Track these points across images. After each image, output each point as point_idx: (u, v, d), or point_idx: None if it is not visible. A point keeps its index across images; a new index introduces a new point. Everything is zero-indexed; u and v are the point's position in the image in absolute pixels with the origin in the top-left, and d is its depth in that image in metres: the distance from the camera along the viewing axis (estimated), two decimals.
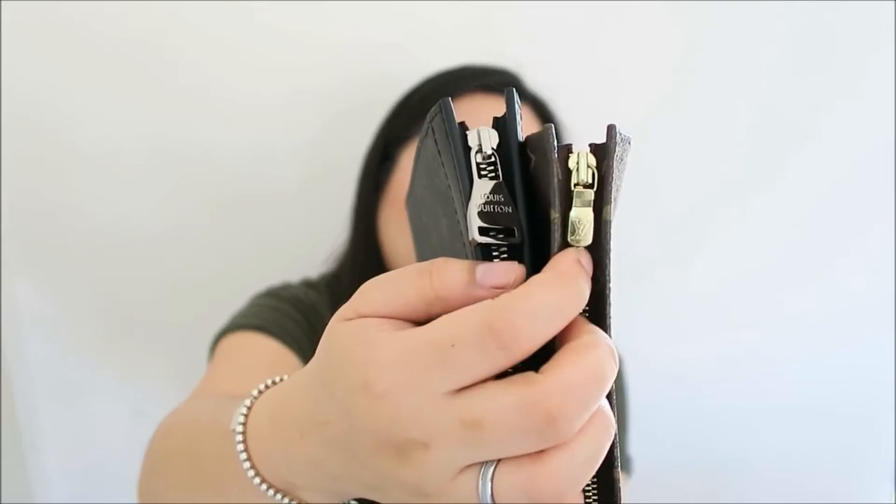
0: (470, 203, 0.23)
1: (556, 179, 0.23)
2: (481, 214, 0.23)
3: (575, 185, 0.23)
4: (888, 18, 0.80)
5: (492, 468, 0.22)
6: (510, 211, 0.24)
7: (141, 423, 0.90)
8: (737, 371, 0.91)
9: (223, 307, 0.72)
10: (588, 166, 0.23)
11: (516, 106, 0.24)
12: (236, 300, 0.72)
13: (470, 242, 0.24)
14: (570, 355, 0.21)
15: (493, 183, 0.24)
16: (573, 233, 0.23)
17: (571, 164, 0.23)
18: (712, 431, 0.94)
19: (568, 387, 0.21)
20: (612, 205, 0.23)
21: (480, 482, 0.22)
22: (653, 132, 0.84)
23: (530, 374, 0.21)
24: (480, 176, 0.24)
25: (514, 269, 0.23)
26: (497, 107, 0.72)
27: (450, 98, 0.24)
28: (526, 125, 0.68)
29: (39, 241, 0.85)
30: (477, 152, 0.24)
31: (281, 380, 0.32)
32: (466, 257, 0.24)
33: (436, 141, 0.25)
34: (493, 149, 0.24)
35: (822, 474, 0.94)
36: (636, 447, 0.74)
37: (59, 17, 0.78)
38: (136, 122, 0.82)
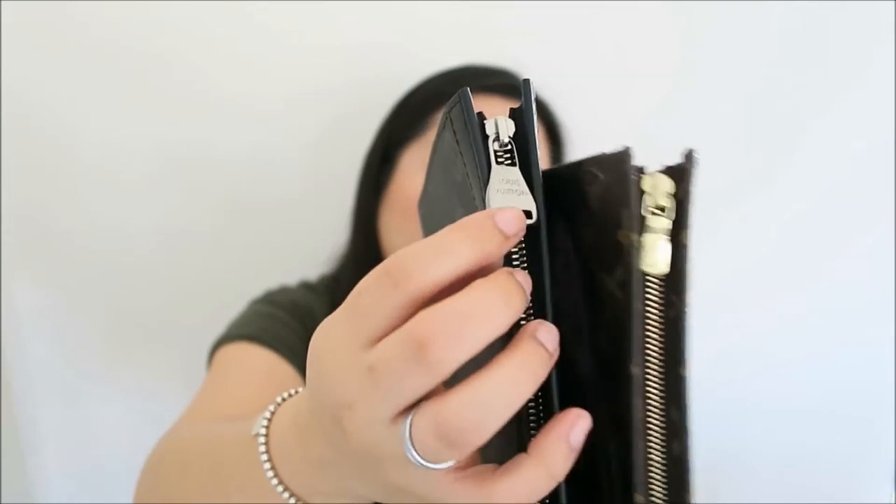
0: (488, 188, 0.24)
1: (633, 201, 0.23)
2: (499, 198, 0.24)
3: (651, 209, 0.23)
4: (888, 17, 0.80)
5: (411, 416, 0.22)
6: (527, 194, 0.24)
7: (141, 424, 0.90)
8: (737, 370, 0.91)
9: (224, 309, 0.72)
10: (664, 191, 0.23)
11: (532, 96, 0.25)
12: (237, 302, 0.72)
13: None
14: (457, 294, 0.22)
15: (511, 168, 0.25)
16: (647, 259, 0.23)
17: (647, 186, 0.23)
18: (712, 431, 0.93)
19: (442, 317, 0.21)
20: (689, 230, 0.23)
21: (401, 431, 0.22)
22: (653, 131, 0.84)
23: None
24: (498, 162, 0.25)
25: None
26: (498, 108, 0.72)
27: (468, 89, 0.25)
28: None
29: (39, 242, 0.85)
30: (494, 140, 0.25)
31: (297, 391, 0.33)
32: None
33: (454, 131, 0.26)
34: (510, 137, 0.25)
35: (822, 474, 0.94)
36: None
37: (59, 20, 0.78)
38: (137, 124, 0.82)
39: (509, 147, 0.25)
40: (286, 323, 0.65)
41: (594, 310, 0.25)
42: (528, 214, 0.24)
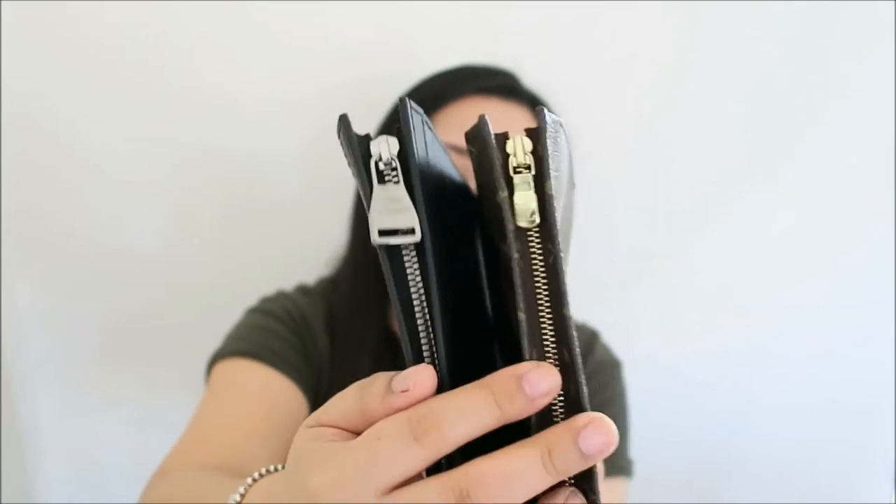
0: (371, 209, 0.25)
1: (497, 164, 0.25)
2: (380, 218, 0.25)
3: (515, 168, 0.25)
4: (888, 17, 0.80)
5: None
6: (409, 210, 0.25)
7: (140, 425, 0.90)
8: (737, 370, 0.91)
9: (224, 309, 0.72)
10: (524, 150, 0.25)
11: (410, 114, 0.26)
12: (237, 303, 0.71)
13: (374, 245, 0.25)
14: (499, 453, 0.23)
15: (394, 187, 0.25)
16: (521, 216, 0.24)
17: (509, 149, 0.25)
18: (712, 430, 0.94)
19: (484, 474, 0.23)
20: (552, 181, 0.25)
21: None
22: (653, 130, 0.84)
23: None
24: (382, 181, 0.25)
25: (417, 372, 0.24)
26: (496, 109, 0.71)
27: (347, 114, 0.26)
28: (525, 125, 0.68)
29: (39, 243, 0.85)
30: (378, 160, 0.26)
31: (276, 469, 0.34)
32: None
33: (345, 153, 0.27)
34: (392, 155, 0.25)
35: (822, 474, 0.94)
36: (635, 445, 0.74)
37: (59, 20, 0.78)
38: (137, 124, 0.82)
39: (394, 165, 0.25)
40: (281, 336, 0.65)
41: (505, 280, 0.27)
42: (411, 231, 0.25)
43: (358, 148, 0.26)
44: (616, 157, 0.84)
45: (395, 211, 0.25)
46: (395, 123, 0.26)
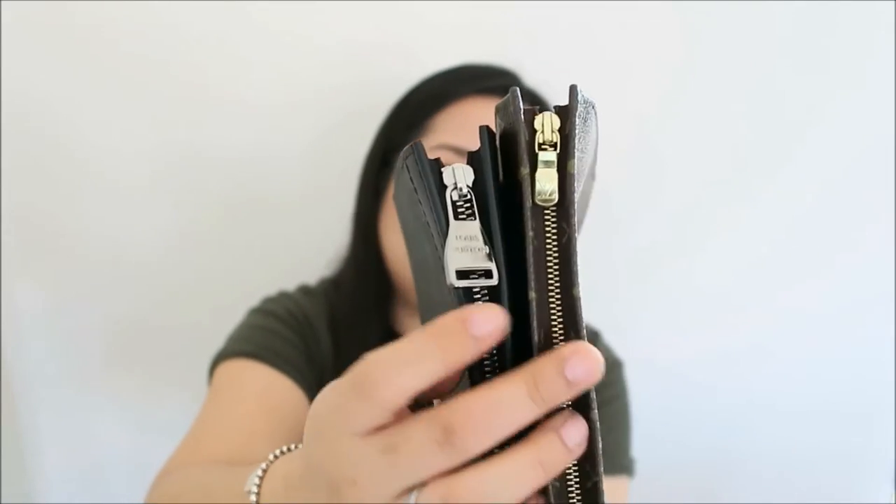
0: (446, 247, 0.24)
1: (523, 140, 0.24)
2: (457, 257, 0.24)
3: (541, 145, 0.24)
4: (888, 17, 0.80)
5: (416, 490, 0.23)
6: (487, 252, 0.24)
7: (140, 425, 0.90)
8: (737, 370, 0.91)
9: (224, 310, 0.72)
10: (552, 127, 0.24)
11: (487, 143, 0.25)
12: (238, 304, 0.71)
13: (448, 286, 0.24)
14: (484, 387, 0.23)
15: (468, 224, 0.24)
16: (541, 193, 0.24)
17: (537, 125, 0.24)
18: (712, 430, 0.94)
19: (469, 408, 0.22)
20: (576, 160, 0.24)
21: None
22: (653, 130, 0.84)
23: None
24: (457, 217, 0.24)
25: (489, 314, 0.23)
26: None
27: (421, 142, 0.25)
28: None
29: (39, 244, 0.85)
30: (453, 190, 0.25)
31: (289, 449, 0.34)
32: (447, 294, 0.25)
33: (411, 178, 0.26)
34: (468, 186, 0.25)
35: (822, 474, 0.94)
36: (636, 445, 0.75)
37: (59, 20, 0.78)
38: (137, 124, 0.82)
39: (469, 197, 0.25)
40: (284, 336, 0.65)
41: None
42: (488, 273, 0.24)
43: (432, 177, 0.25)
44: (617, 157, 0.84)
45: (472, 250, 0.24)
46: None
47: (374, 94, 0.74)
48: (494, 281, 0.24)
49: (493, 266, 0.24)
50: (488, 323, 0.22)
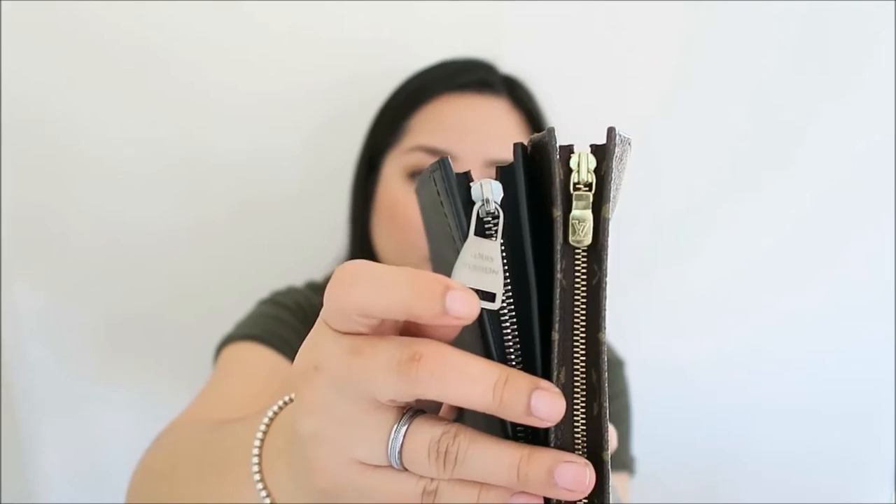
0: (459, 259, 0.24)
1: (557, 179, 0.24)
2: (463, 273, 0.24)
3: (576, 185, 0.24)
4: (888, 17, 0.80)
5: (405, 426, 0.24)
6: (496, 274, 0.24)
7: (141, 424, 0.90)
8: (737, 370, 0.91)
9: (225, 309, 0.72)
10: (588, 167, 0.24)
11: (521, 161, 0.25)
12: (238, 302, 0.72)
13: None
14: (466, 353, 0.23)
15: (488, 243, 0.24)
16: (574, 233, 0.24)
17: (573, 164, 0.24)
18: (712, 431, 0.94)
19: (443, 353, 0.23)
20: (611, 203, 0.24)
21: (392, 434, 0.24)
22: (652, 131, 0.84)
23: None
24: (478, 232, 0.24)
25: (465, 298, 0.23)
26: (471, 105, 0.71)
27: (448, 157, 0.25)
28: (502, 117, 0.67)
29: (39, 243, 0.85)
30: (481, 206, 0.24)
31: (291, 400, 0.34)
32: None
33: (437, 191, 0.26)
34: (497, 204, 0.24)
35: (822, 474, 0.94)
36: (636, 446, 0.75)
37: (59, 20, 0.78)
38: (137, 124, 0.82)
39: (497, 213, 0.24)
40: (290, 324, 0.66)
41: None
42: (490, 297, 0.24)
43: (458, 193, 0.24)
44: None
45: (484, 270, 0.24)
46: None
47: (375, 91, 0.74)
48: (496, 306, 0.24)
49: (499, 290, 0.24)
50: (463, 306, 0.22)
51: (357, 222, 0.72)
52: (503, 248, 0.25)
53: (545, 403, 0.22)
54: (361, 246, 0.71)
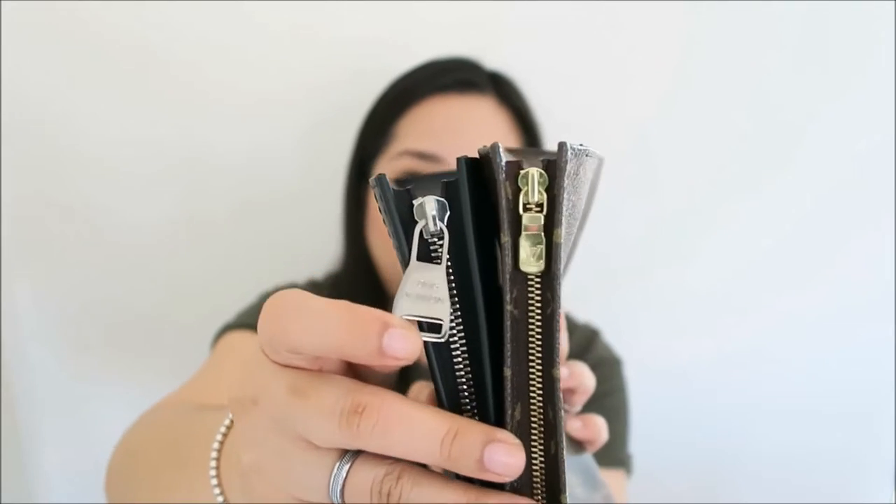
0: (399, 289, 0.22)
1: (504, 200, 0.21)
2: (406, 304, 0.22)
3: (526, 205, 0.21)
4: (888, 17, 0.80)
5: (347, 465, 0.22)
6: (442, 302, 0.22)
7: None
8: (737, 370, 0.91)
9: (225, 308, 0.72)
10: (539, 187, 0.21)
11: (465, 176, 0.22)
12: (238, 301, 0.72)
13: None
14: (416, 403, 0.22)
15: (434, 268, 0.22)
16: (525, 259, 0.22)
17: (520, 182, 0.21)
18: (712, 431, 0.94)
19: (390, 405, 0.21)
20: (562, 228, 0.21)
21: (334, 472, 0.23)
22: (652, 131, 0.84)
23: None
24: (423, 255, 0.22)
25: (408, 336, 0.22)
26: (454, 106, 0.71)
27: (384, 175, 0.23)
28: (487, 117, 0.66)
29: (39, 243, 0.85)
30: (424, 226, 0.22)
31: None
32: None
33: (381, 210, 0.23)
34: (441, 224, 0.22)
35: (822, 474, 0.94)
36: (636, 446, 0.75)
37: (59, 20, 0.78)
38: (137, 124, 0.82)
39: (442, 234, 0.22)
40: None
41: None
42: (436, 328, 0.22)
43: (396, 212, 0.22)
44: (616, 159, 0.84)
45: (428, 299, 0.22)
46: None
47: (374, 89, 0.74)
48: (441, 337, 0.22)
49: (445, 320, 0.22)
50: (403, 345, 0.20)
51: (350, 230, 0.72)
52: (451, 272, 0.22)
53: (501, 457, 0.21)
54: (356, 254, 0.70)
